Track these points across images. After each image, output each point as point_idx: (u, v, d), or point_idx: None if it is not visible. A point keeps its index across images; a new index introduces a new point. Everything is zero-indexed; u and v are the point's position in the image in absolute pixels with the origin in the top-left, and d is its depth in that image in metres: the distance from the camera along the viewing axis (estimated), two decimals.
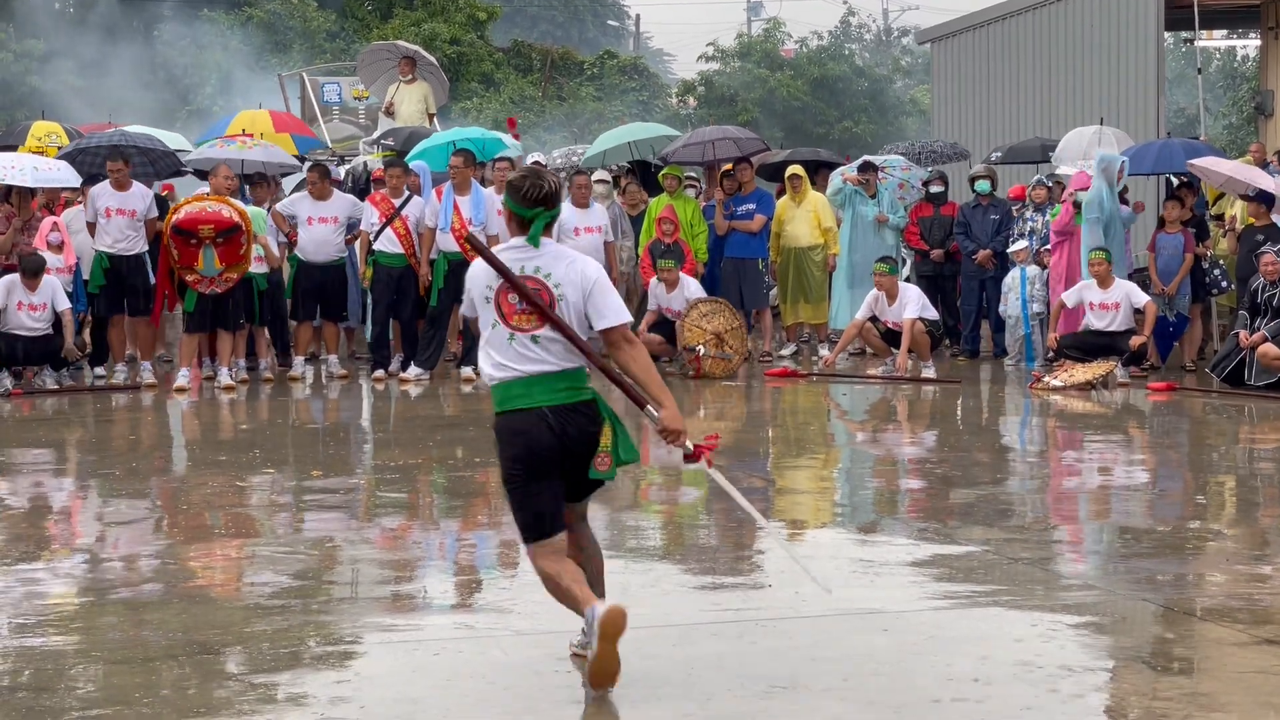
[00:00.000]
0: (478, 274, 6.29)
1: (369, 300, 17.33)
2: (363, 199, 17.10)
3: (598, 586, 6.23)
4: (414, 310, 16.53)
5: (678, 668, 6.22)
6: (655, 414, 6.08)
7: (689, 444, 6.24)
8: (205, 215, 15.34)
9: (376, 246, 16.30)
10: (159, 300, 16.03)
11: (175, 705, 5.75)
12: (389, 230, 16.26)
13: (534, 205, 6.07)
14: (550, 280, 6.06)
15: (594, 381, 6.14)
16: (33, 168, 16.33)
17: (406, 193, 16.44)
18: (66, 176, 16.44)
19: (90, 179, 16.59)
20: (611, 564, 7.61)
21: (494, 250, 6.25)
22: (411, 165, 17.15)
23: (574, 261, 6.13)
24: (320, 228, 16.41)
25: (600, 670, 5.83)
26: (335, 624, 6.90)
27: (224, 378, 15.64)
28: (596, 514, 9.55)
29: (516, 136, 21.56)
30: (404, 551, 8.74)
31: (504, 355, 6.07)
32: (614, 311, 6.07)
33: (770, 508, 10.01)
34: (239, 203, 16.04)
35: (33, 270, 15.09)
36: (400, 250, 16.28)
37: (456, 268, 16.21)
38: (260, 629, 6.77)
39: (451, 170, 16.35)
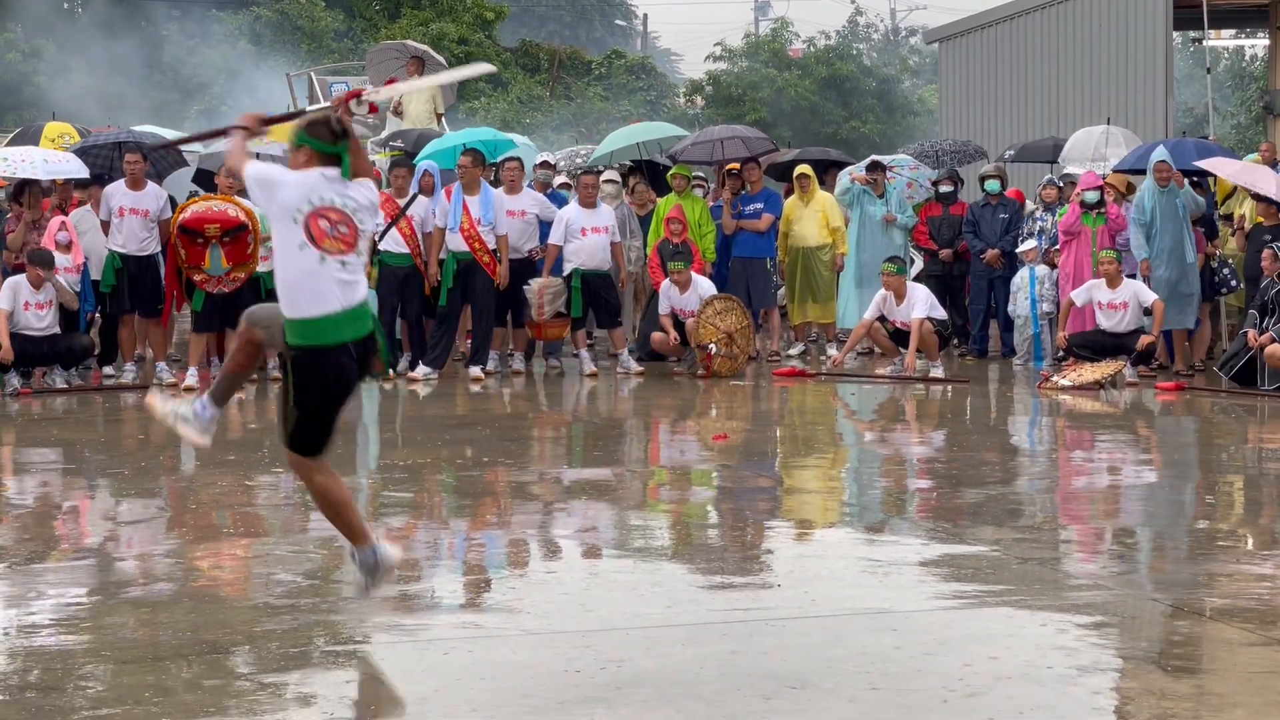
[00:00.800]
0: (294, 183, 6.82)
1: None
2: None
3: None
4: (420, 310, 16.55)
5: (686, 668, 6.21)
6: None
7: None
8: (211, 214, 15.36)
9: (382, 247, 16.31)
10: (168, 300, 16.06)
11: (185, 705, 5.75)
12: (394, 230, 16.27)
13: (343, 137, 6.82)
14: (354, 212, 6.80)
15: None
16: (43, 160, 16.37)
17: (412, 192, 16.45)
18: (75, 168, 16.46)
19: (96, 178, 16.60)
20: (620, 564, 7.65)
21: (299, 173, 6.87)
22: (422, 165, 17.14)
23: (365, 191, 6.89)
24: None
25: None
26: (344, 623, 6.90)
27: None
28: (602, 515, 9.55)
29: None
30: (413, 551, 8.73)
31: (316, 281, 6.70)
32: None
33: (778, 507, 10.02)
34: (246, 202, 16.03)
35: (44, 261, 15.04)
36: (406, 250, 16.30)
37: (466, 268, 16.23)
38: (269, 628, 6.76)
39: (460, 170, 16.36)
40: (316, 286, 6.69)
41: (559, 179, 19.76)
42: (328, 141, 6.83)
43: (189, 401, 7.04)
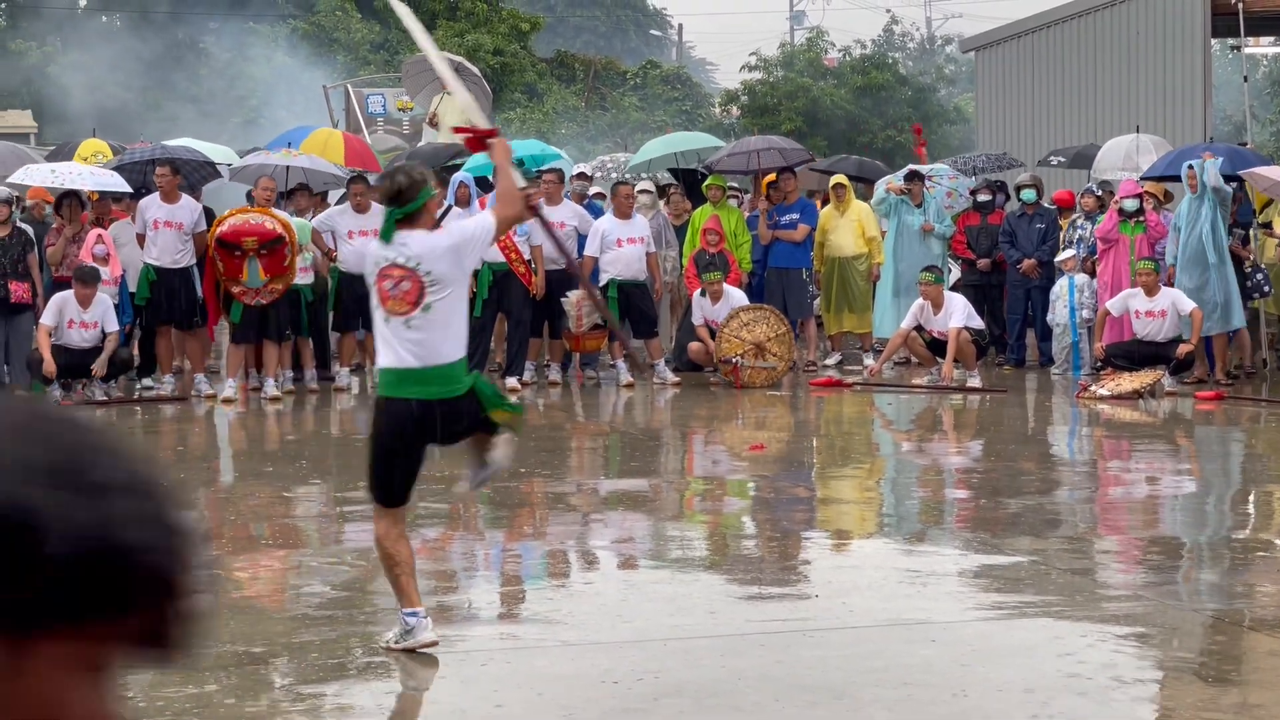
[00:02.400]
0: (365, 258, 6.92)
1: None
2: None
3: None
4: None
5: (725, 678, 6.21)
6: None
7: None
8: (249, 227, 15.41)
9: None
10: (211, 313, 16.12)
11: (224, 716, 5.77)
12: None
13: (387, 203, 6.73)
14: (418, 267, 6.57)
15: None
16: (89, 173, 16.49)
17: (446, 204, 16.44)
18: (119, 182, 16.54)
19: (134, 192, 16.67)
20: (657, 574, 7.66)
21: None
22: (458, 177, 17.17)
23: (435, 242, 6.68)
24: (362, 240, 16.41)
25: None
26: (382, 634, 6.89)
27: (270, 389, 15.71)
28: (639, 526, 9.55)
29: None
30: (449, 562, 8.75)
31: (388, 339, 6.64)
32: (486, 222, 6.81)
33: (816, 517, 10.00)
34: (283, 214, 16.10)
35: (90, 278, 15.11)
36: None
37: (501, 279, 16.25)
38: (308, 639, 6.78)
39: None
40: (384, 340, 6.69)
41: (593, 189, 19.76)
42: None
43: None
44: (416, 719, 5.79)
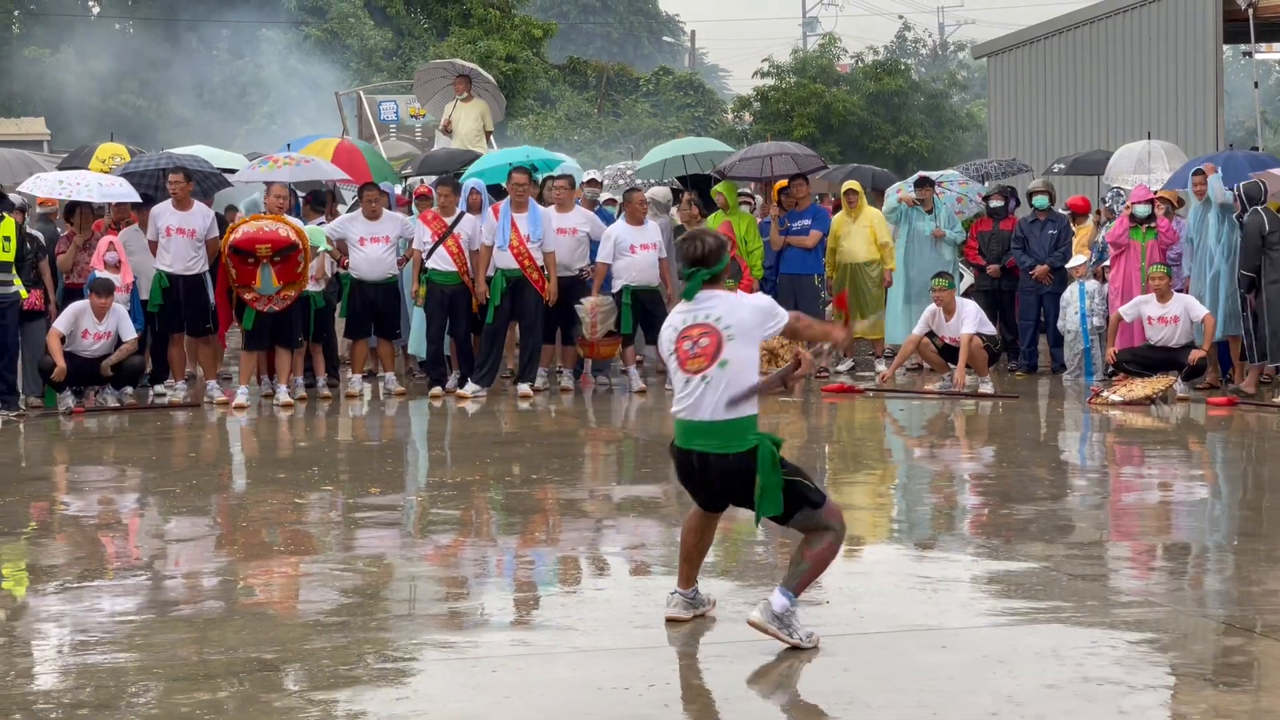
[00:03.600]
0: (665, 327, 7.06)
1: (413, 320, 17.44)
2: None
3: (791, 568, 6.90)
4: (468, 327, 16.59)
5: (735, 685, 6.22)
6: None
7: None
8: (262, 234, 15.45)
9: (430, 265, 16.35)
10: (222, 320, 16.17)
11: None
12: (441, 249, 16.31)
13: (691, 264, 6.88)
14: (719, 321, 6.82)
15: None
16: (97, 184, 16.47)
17: (459, 211, 16.48)
18: (128, 192, 16.54)
19: (145, 200, 16.65)
20: (670, 581, 7.64)
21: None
22: (470, 183, 17.20)
23: (741, 302, 6.95)
24: (373, 247, 16.46)
25: None
26: (394, 641, 6.92)
27: (283, 395, 15.73)
28: (651, 532, 9.57)
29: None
30: (462, 568, 8.76)
31: (680, 399, 6.90)
32: (781, 320, 7.11)
33: None
34: (296, 221, 16.13)
35: (103, 289, 15.17)
36: (454, 268, 16.33)
37: (515, 285, 16.27)
38: (319, 646, 6.79)
39: (514, 187, 16.39)
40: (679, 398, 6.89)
41: (604, 195, 19.78)
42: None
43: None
44: None
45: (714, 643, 6.80)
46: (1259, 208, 16.00)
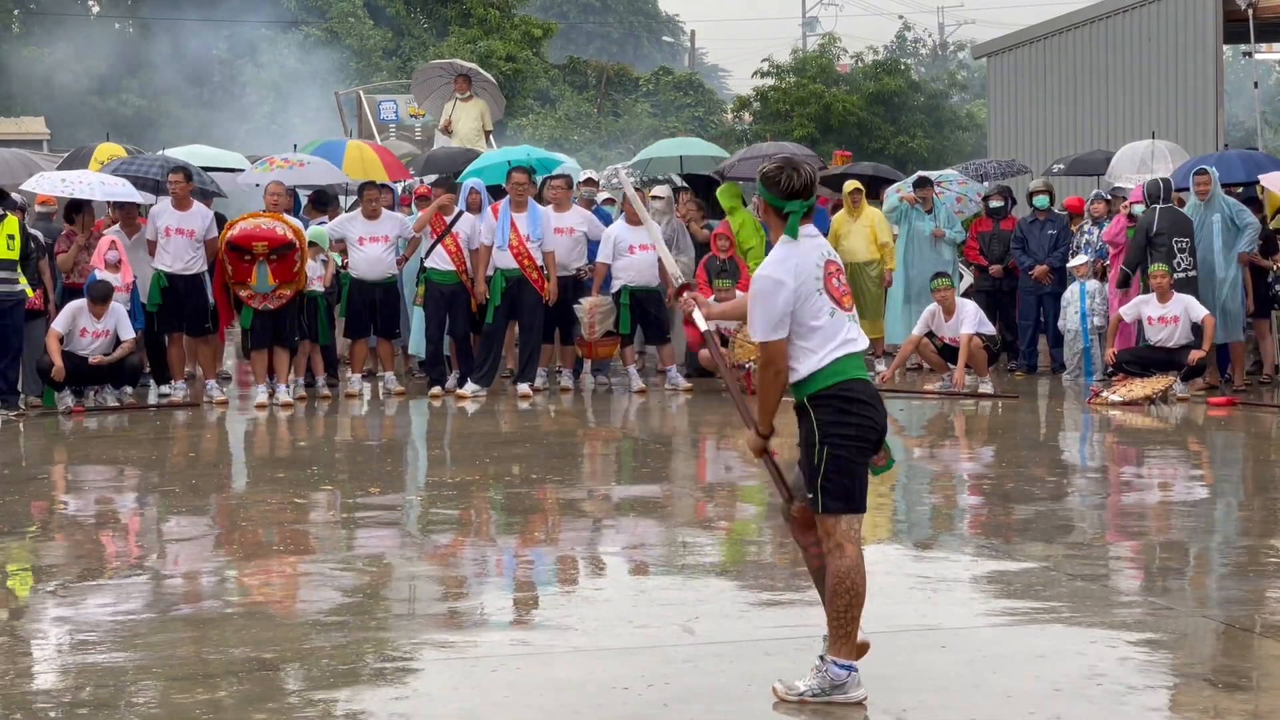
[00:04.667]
0: (806, 265, 6.14)
1: (412, 319, 17.44)
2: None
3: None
4: (467, 327, 16.58)
5: (735, 684, 6.22)
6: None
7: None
8: (259, 232, 15.42)
9: (428, 264, 16.35)
10: (222, 318, 16.13)
11: None
12: (440, 248, 16.30)
13: (790, 197, 6.13)
14: (834, 256, 6.28)
15: None
16: (99, 183, 16.48)
17: (457, 210, 16.48)
18: (131, 192, 16.54)
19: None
20: (669, 580, 7.66)
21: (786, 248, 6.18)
22: (470, 183, 17.20)
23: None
24: (373, 247, 16.45)
25: None
26: (393, 640, 6.92)
27: (283, 394, 15.73)
28: (651, 532, 9.57)
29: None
30: (461, 568, 8.76)
31: (844, 334, 6.14)
32: None
33: None
34: (293, 219, 16.12)
35: (100, 296, 15.18)
36: (452, 267, 16.32)
37: (514, 285, 16.26)
38: (319, 645, 6.80)
39: (513, 186, 16.39)
40: (827, 337, 6.22)
41: (602, 195, 19.78)
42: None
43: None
44: None
45: (713, 642, 6.80)
46: (1158, 207, 16.31)
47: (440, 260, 16.31)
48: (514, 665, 6.48)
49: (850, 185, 19.20)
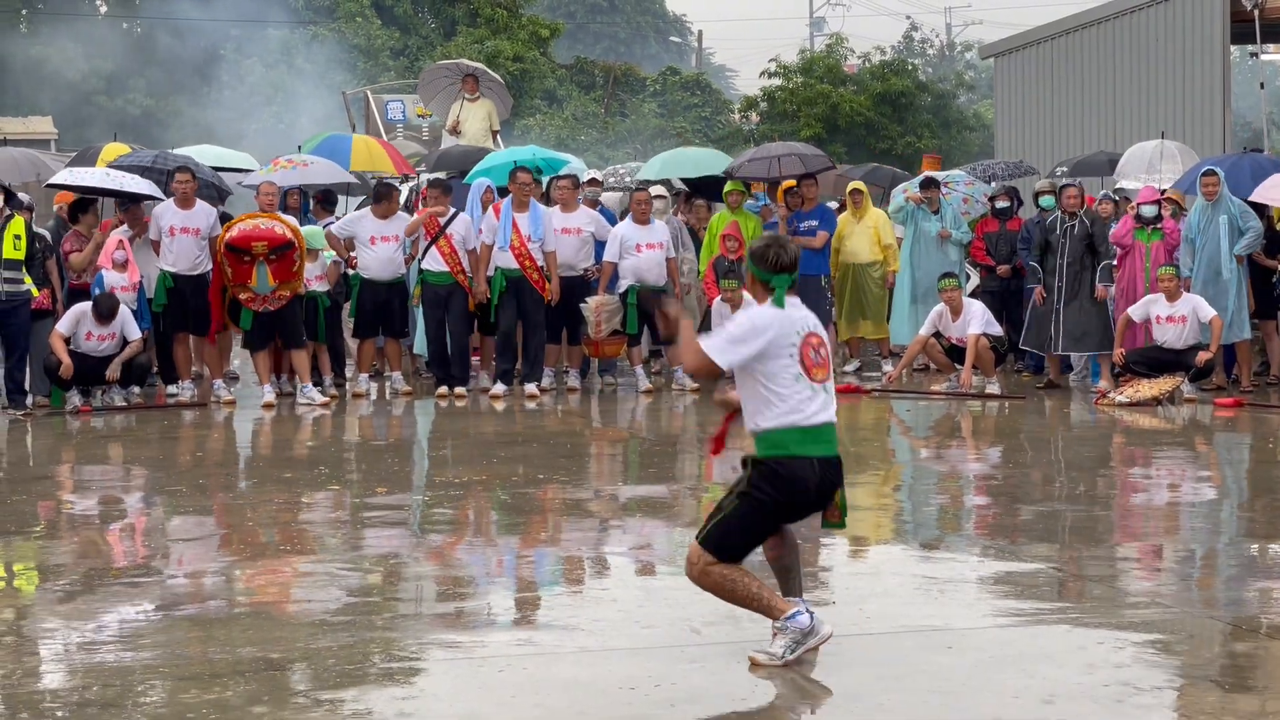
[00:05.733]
0: (787, 328, 6.63)
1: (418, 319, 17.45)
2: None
3: (794, 576, 6.78)
4: (464, 327, 16.48)
5: (740, 684, 6.22)
6: None
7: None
8: (258, 232, 15.40)
9: (423, 265, 16.29)
10: (214, 319, 16.04)
11: None
12: (434, 249, 16.23)
13: (777, 272, 6.66)
14: (814, 327, 6.71)
15: None
16: (104, 174, 16.56)
17: (452, 211, 16.43)
18: (147, 186, 16.57)
19: (134, 200, 16.59)
20: (675, 581, 7.65)
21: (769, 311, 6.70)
22: (482, 182, 17.20)
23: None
24: (384, 246, 16.44)
25: None
26: (400, 640, 6.93)
27: (312, 395, 15.69)
28: (657, 532, 9.57)
29: None
30: (468, 568, 8.77)
31: (806, 404, 6.57)
32: None
33: None
34: (291, 219, 16.11)
35: (107, 312, 15.17)
36: (445, 268, 16.23)
37: (515, 284, 16.24)
38: (326, 645, 6.80)
39: (516, 187, 16.37)
40: (795, 409, 6.64)
41: (605, 195, 19.77)
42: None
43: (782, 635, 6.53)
44: None
45: (720, 642, 6.81)
46: (1083, 214, 16.77)
47: (434, 261, 16.24)
48: (520, 665, 6.48)
49: (852, 185, 19.20)
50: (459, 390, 16.17)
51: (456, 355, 16.51)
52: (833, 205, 19.81)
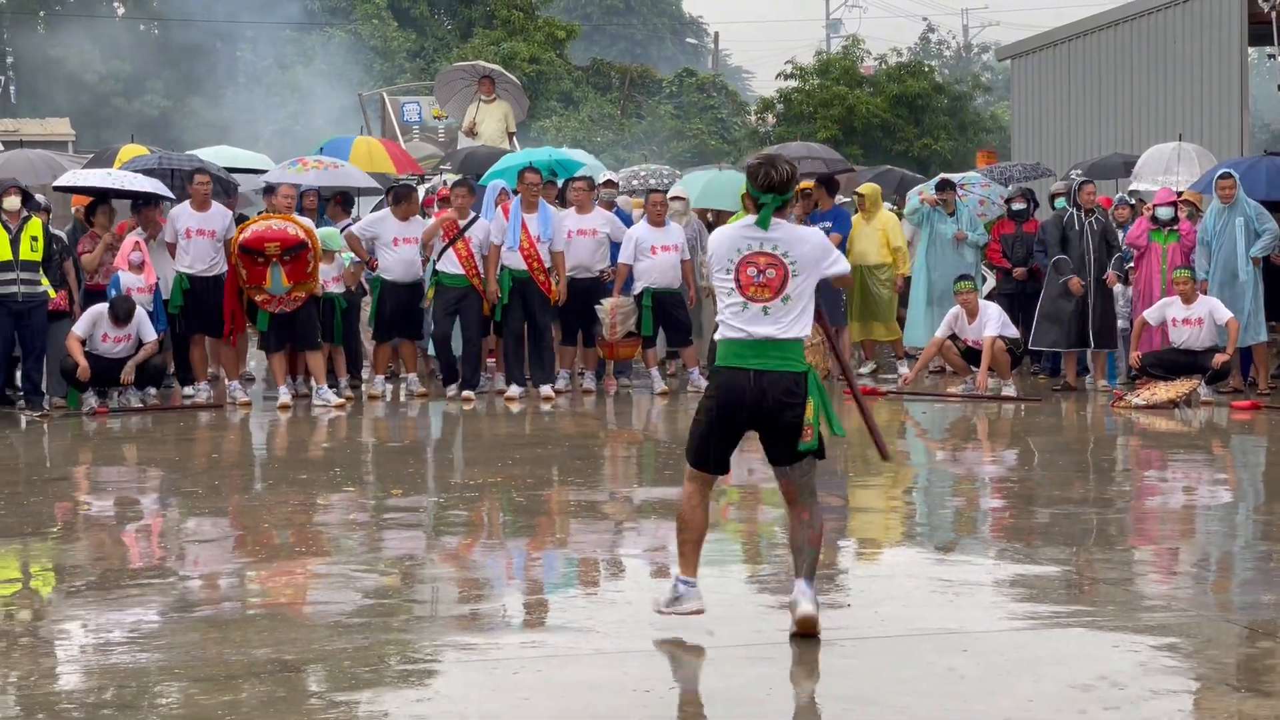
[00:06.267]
0: (723, 240, 6.98)
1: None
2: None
3: (801, 558, 6.96)
4: (477, 330, 16.43)
5: (755, 687, 6.21)
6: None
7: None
8: (271, 233, 15.41)
9: (439, 267, 16.23)
10: (228, 321, 16.03)
11: None
12: (450, 251, 16.18)
13: (766, 190, 6.82)
14: (785, 255, 6.86)
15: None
16: (134, 177, 16.66)
17: (472, 214, 16.40)
18: (152, 186, 16.61)
19: (147, 202, 16.63)
20: None
21: (729, 227, 7.12)
22: (497, 184, 17.21)
23: (804, 236, 6.99)
24: (406, 248, 16.44)
25: None
26: (415, 642, 6.93)
27: (327, 396, 15.70)
28: (672, 535, 9.53)
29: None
30: (482, 570, 8.77)
31: (736, 319, 6.86)
32: (841, 261, 7.14)
33: (846, 526, 9.99)
34: (305, 220, 16.11)
35: (124, 314, 15.21)
36: (461, 271, 16.19)
37: (521, 285, 16.23)
38: (341, 647, 6.80)
39: (527, 187, 16.38)
40: (730, 325, 6.93)
41: (621, 197, 19.76)
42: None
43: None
44: None
45: (734, 644, 6.80)
46: (1099, 212, 16.90)
47: (450, 264, 16.21)
48: (535, 667, 6.48)
49: (861, 189, 19.18)
50: (466, 394, 16.14)
51: (471, 358, 16.45)
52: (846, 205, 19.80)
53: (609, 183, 19.46)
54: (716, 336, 7.01)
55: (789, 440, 6.87)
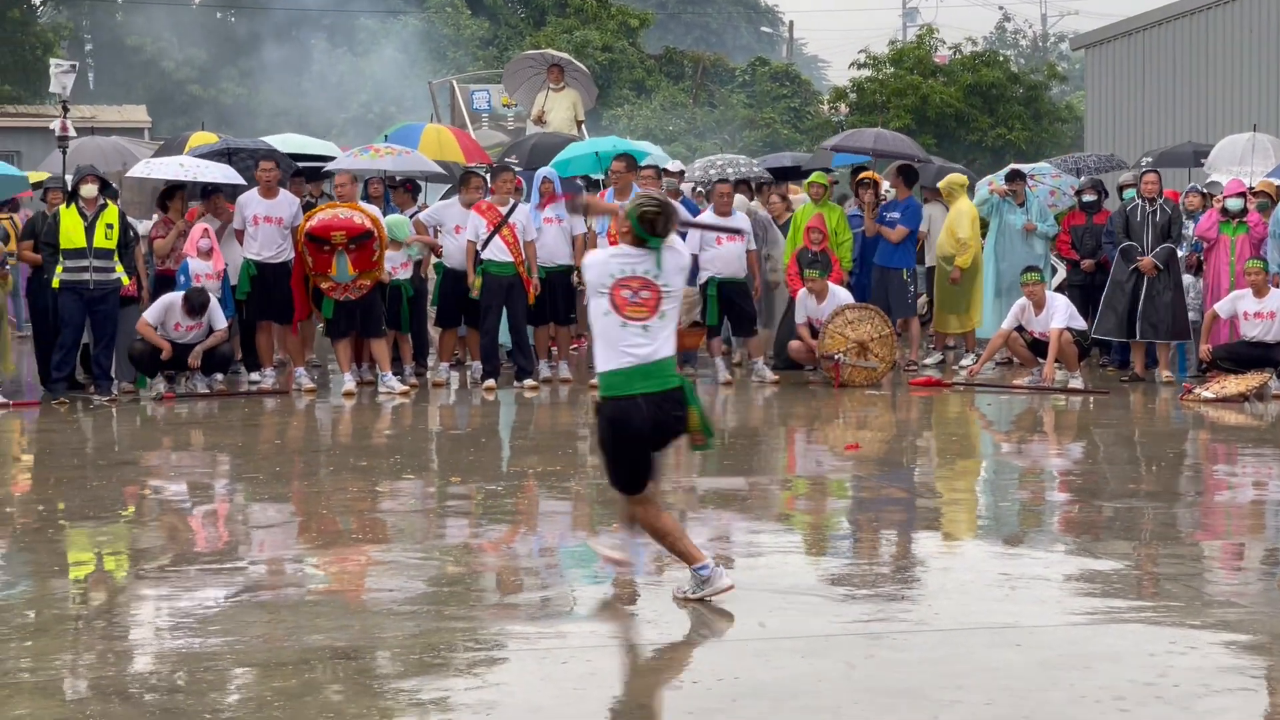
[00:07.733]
0: (610, 267, 7.31)
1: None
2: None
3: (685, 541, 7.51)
4: (524, 319, 16.39)
5: (805, 679, 6.19)
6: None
7: None
8: (337, 222, 15.44)
9: (485, 255, 16.18)
10: (297, 308, 16.09)
11: (322, 707, 5.83)
12: (497, 239, 16.17)
13: (652, 235, 7.29)
14: (657, 278, 7.28)
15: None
16: (206, 165, 16.79)
17: (512, 201, 16.39)
18: (221, 174, 16.72)
19: (216, 189, 16.74)
20: (747, 575, 7.61)
21: (602, 252, 7.56)
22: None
23: (664, 255, 7.32)
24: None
25: None
26: (468, 630, 6.94)
27: (392, 383, 15.75)
28: (733, 525, 9.54)
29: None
30: (534, 559, 8.77)
31: (615, 343, 7.24)
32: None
33: (914, 518, 9.93)
34: (371, 208, 16.14)
35: (198, 306, 15.32)
36: (510, 259, 16.18)
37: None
38: (399, 633, 6.83)
39: (615, 175, 16.52)
40: (610, 344, 7.30)
41: (686, 187, 19.74)
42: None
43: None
44: (509, 713, 5.79)
45: (782, 636, 6.78)
46: (1162, 202, 16.76)
47: (498, 252, 16.19)
48: (585, 657, 6.48)
49: (943, 180, 19.06)
50: (529, 382, 16.17)
51: (521, 347, 16.43)
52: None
53: (671, 172, 19.44)
54: (598, 368, 7.33)
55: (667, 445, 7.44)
